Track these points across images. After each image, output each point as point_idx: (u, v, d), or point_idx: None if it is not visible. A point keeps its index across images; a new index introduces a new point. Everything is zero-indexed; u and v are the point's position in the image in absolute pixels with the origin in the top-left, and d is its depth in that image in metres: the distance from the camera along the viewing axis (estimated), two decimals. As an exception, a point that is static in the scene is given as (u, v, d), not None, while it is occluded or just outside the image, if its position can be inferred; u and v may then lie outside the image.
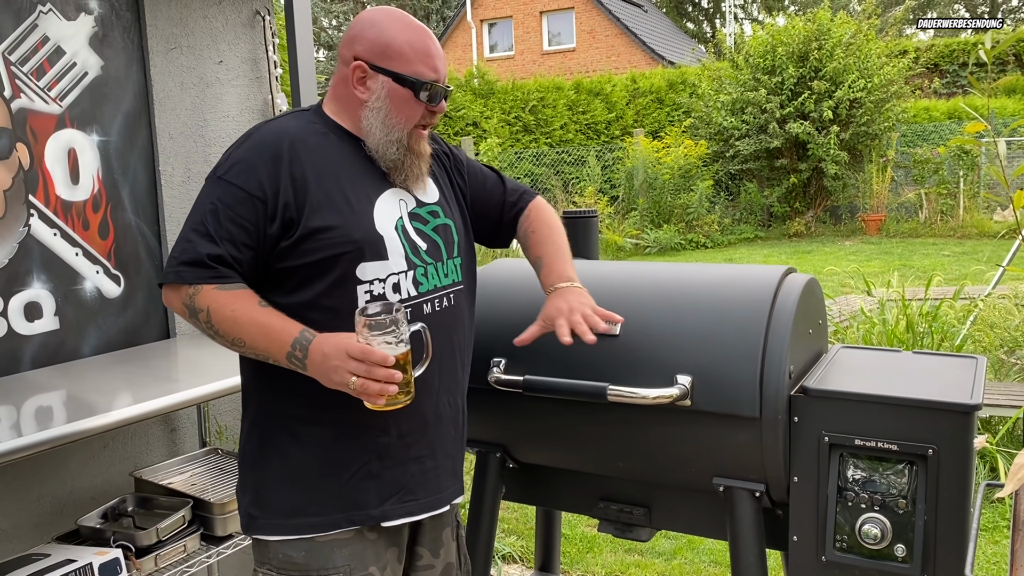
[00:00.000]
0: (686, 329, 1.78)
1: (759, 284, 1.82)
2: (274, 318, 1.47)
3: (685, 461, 1.83)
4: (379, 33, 1.57)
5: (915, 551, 1.62)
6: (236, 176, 1.51)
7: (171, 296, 1.52)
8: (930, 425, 1.60)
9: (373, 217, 1.57)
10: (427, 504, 1.64)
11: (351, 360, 1.40)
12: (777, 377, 1.69)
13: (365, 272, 1.54)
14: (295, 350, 1.45)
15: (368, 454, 1.57)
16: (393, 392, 1.41)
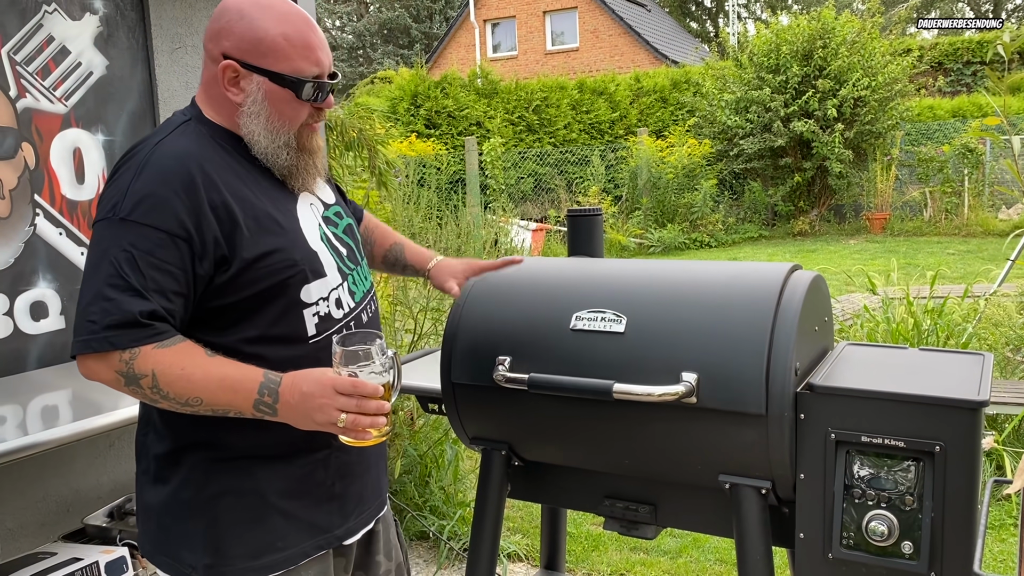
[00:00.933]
0: (691, 326, 1.78)
1: (765, 281, 1.81)
2: (229, 367, 1.32)
3: (691, 458, 1.83)
4: (249, 26, 1.38)
5: (922, 548, 1.62)
6: (146, 215, 1.30)
7: (95, 367, 1.30)
8: (937, 422, 1.60)
9: (303, 232, 1.45)
10: (375, 508, 1.62)
11: (339, 396, 1.29)
12: (783, 374, 1.69)
13: (310, 294, 1.43)
14: (263, 396, 1.31)
15: (331, 476, 1.51)
16: (383, 424, 1.34)
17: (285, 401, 1.31)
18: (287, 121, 1.42)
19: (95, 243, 1.33)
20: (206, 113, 1.45)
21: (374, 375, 1.33)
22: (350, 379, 1.30)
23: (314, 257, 1.44)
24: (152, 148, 1.37)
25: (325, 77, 1.44)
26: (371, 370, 1.33)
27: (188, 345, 1.32)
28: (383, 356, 1.35)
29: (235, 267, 1.35)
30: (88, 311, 1.29)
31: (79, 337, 1.29)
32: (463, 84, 14.34)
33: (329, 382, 1.30)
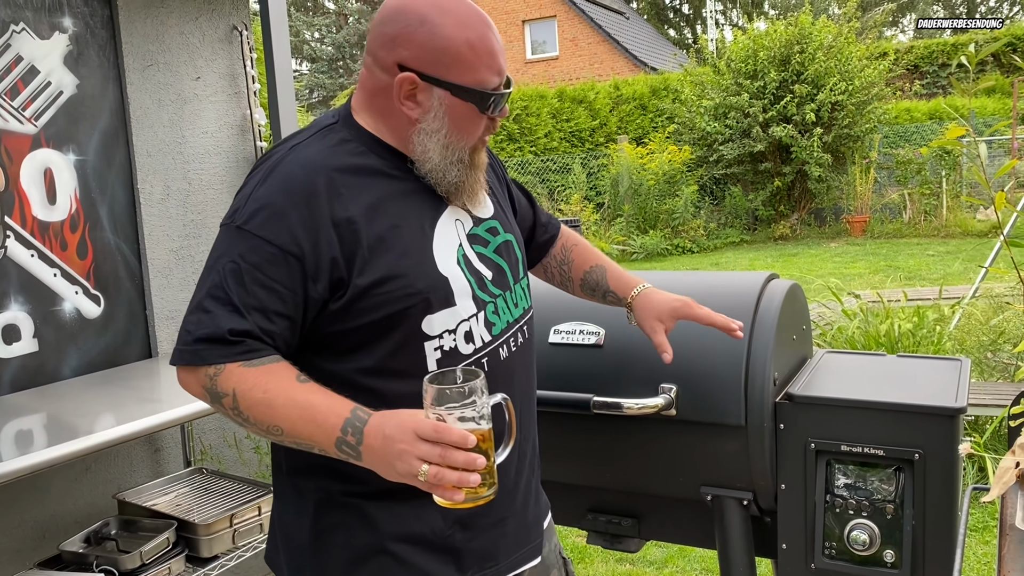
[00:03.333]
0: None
1: (741, 291, 1.81)
2: (317, 396, 1.17)
3: (672, 471, 1.82)
4: (431, 34, 1.23)
5: (904, 556, 1.61)
6: (262, 227, 1.20)
7: (186, 378, 1.22)
8: (915, 429, 1.60)
9: (434, 255, 1.27)
10: (508, 566, 1.40)
11: (421, 443, 1.09)
12: (762, 384, 1.69)
13: (433, 326, 1.26)
14: (346, 435, 1.15)
15: (451, 526, 1.32)
16: (475, 482, 1.09)
17: (368, 444, 1.14)
18: (465, 137, 1.28)
19: (213, 248, 1.25)
20: (359, 118, 1.31)
21: (464, 421, 1.11)
22: (433, 423, 1.10)
23: (442, 284, 1.27)
24: (286, 152, 1.28)
25: (502, 86, 1.29)
26: (462, 414, 1.11)
27: (279, 366, 1.20)
28: (482, 399, 1.13)
29: (351, 292, 1.21)
30: (187, 320, 1.22)
31: (176, 347, 1.22)
32: (443, 94, 14.29)
33: (411, 425, 1.10)
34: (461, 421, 1.11)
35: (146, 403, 2.32)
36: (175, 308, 2.85)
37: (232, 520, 2.36)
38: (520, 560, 1.42)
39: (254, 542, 2.42)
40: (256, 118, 3.11)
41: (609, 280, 1.64)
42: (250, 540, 2.41)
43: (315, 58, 32.12)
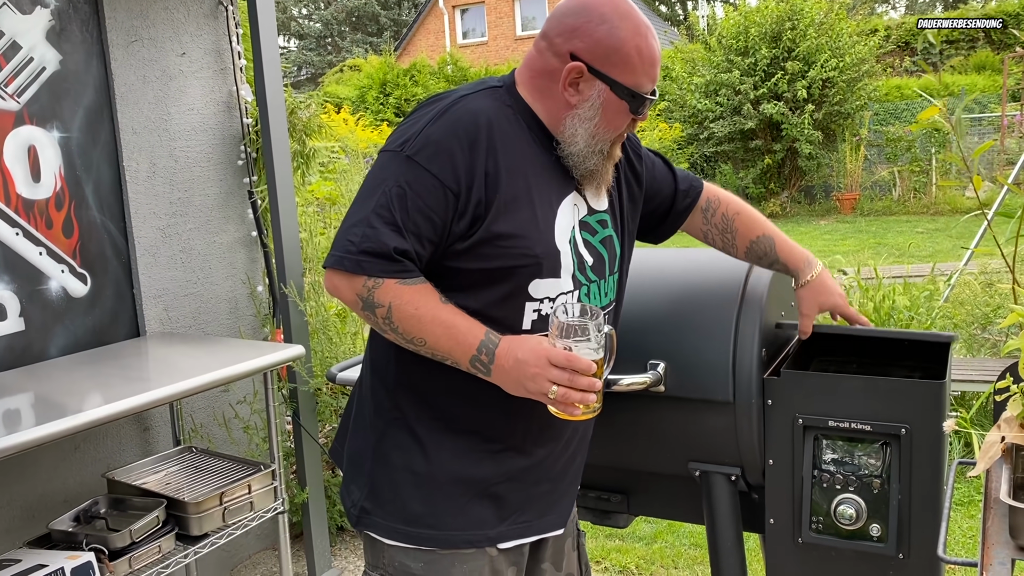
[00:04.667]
0: (659, 315, 1.77)
1: (730, 267, 1.81)
2: (458, 317, 1.33)
3: (660, 446, 1.83)
4: (608, 33, 1.35)
5: (890, 530, 1.63)
6: (429, 160, 1.32)
7: (340, 283, 1.34)
8: (902, 404, 1.60)
9: (554, 228, 1.40)
10: (540, 526, 1.53)
11: (553, 368, 1.28)
12: (749, 361, 1.69)
13: (537, 289, 1.39)
14: (480, 354, 1.32)
15: (501, 476, 1.46)
16: (592, 401, 1.31)
17: (500, 364, 1.32)
18: (611, 130, 1.41)
19: (377, 169, 1.37)
20: (520, 90, 1.43)
21: (589, 351, 1.30)
22: (565, 353, 1.29)
23: (555, 255, 1.40)
24: (456, 99, 1.40)
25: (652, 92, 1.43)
26: (587, 346, 1.30)
27: (427, 288, 1.34)
28: (599, 333, 1.32)
29: (478, 235, 1.34)
30: (351, 231, 1.33)
31: (336, 252, 1.33)
32: (433, 71, 14.25)
33: (544, 353, 1.29)
34: (586, 351, 1.30)
35: (135, 382, 2.31)
36: (163, 287, 2.84)
37: (222, 498, 2.36)
38: (549, 525, 1.55)
39: (244, 520, 2.43)
40: (243, 95, 3.08)
41: (779, 251, 1.73)
42: (240, 518, 2.42)
43: (303, 35, 31.84)
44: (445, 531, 1.44)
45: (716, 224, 1.75)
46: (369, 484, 1.48)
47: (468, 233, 1.34)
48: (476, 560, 1.45)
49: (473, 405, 1.43)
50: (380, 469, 1.47)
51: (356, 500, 1.50)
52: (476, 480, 1.44)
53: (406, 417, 1.45)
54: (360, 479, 1.50)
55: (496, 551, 1.47)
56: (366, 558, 1.52)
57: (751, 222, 1.74)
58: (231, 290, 3.10)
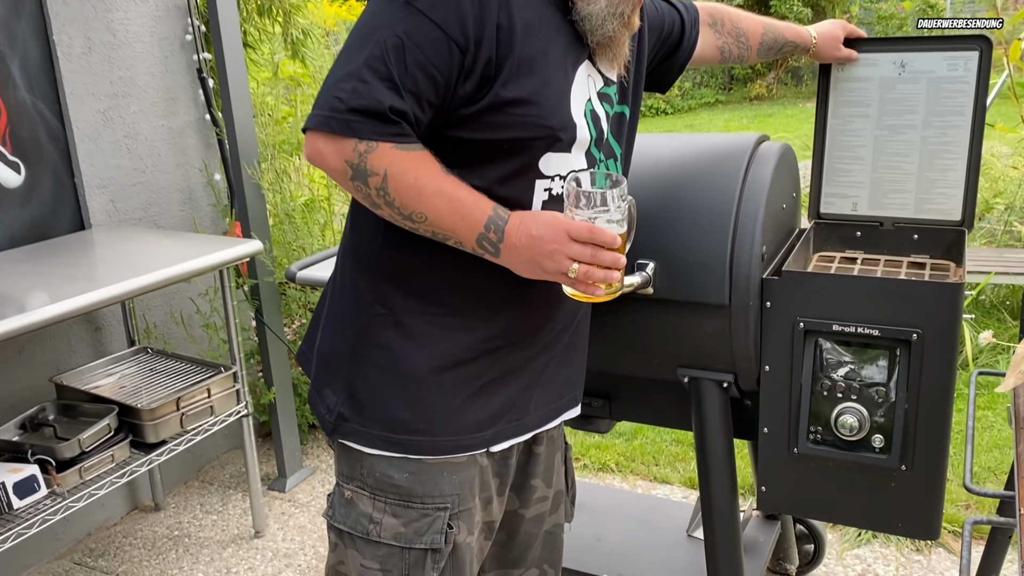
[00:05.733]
0: (648, 208, 1.59)
1: (729, 154, 1.62)
2: (463, 191, 1.15)
3: (648, 352, 1.68)
4: None
5: (894, 441, 1.51)
6: (432, 7, 1.10)
7: (325, 149, 1.12)
8: (915, 308, 1.46)
9: (570, 98, 1.21)
10: (537, 419, 1.37)
11: (573, 243, 1.12)
12: (748, 260, 1.52)
13: (549, 165, 1.21)
14: (489, 231, 1.15)
15: (500, 369, 1.29)
16: (617, 279, 1.17)
17: (511, 243, 1.15)
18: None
19: (368, 16, 1.15)
20: None
21: (612, 224, 1.14)
22: (587, 225, 1.12)
23: (571, 128, 1.21)
24: None
25: None
26: (608, 217, 1.14)
27: (427, 155, 1.15)
28: (623, 203, 1.15)
29: (486, 100, 1.14)
30: (337, 87, 1.11)
31: (319, 111, 1.12)
32: None
33: (563, 226, 1.13)
34: (609, 224, 1.14)
35: (82, 280, 2.12)
36: (107, 176, 2.61)
37: (179, 403, 2.23)
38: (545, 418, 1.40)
39: (204, 425, 2.30)
40: (185, -41, 2.77)
41: (786, 33, 1.73)
42: (200, 423, 2.28)
43: (268, -97, 30.01)
44: (436, 437, 1.27)
45: (729, 33, 1.65)
46: (347, 388, 1.29)
47: (475, 97, 1.14)
48: (467, 470, 1.29)
49: (474, 296, 1.25)
50: (360, 371, 1.28)
51: (332, 406, 1.30)
52: (472, 380, 1.27)
53: (393, 312, 1.26)
54: (336, 383, 1.31)
55: (487, 460, 1.32)
56: (338, 468, 1.35)
57: (749, 19, 1.72)
58: (184, 179, 2.87)
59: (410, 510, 1.27)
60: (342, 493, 1.31)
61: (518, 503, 1.46)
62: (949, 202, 1.76)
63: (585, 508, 2.17)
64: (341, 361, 1.30)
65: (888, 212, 1.79)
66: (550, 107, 1.18)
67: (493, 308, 1.26)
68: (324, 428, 1.32)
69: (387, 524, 1.27)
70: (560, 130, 1.19)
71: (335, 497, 1.33)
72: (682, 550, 2.00)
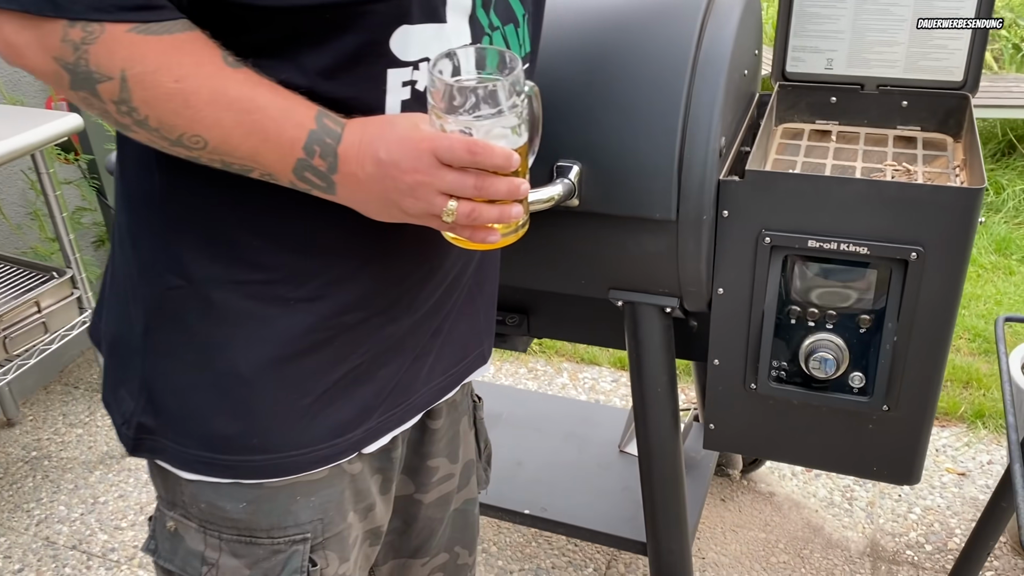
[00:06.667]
0: (571, 89, 1.18)
1: (677, 9, 1.19)
2: (265, 93, 0.72)
3: (571, 272, 1.33)
4: None
5: (878, 380, 1.22)
6: None
7: (19, 37, 0.68)
8: (917, 219, 1.12)
9: None
10: (429, 395, 1.01)
11: (446, 171, 0.72)
12: (703, 158, 1.14)
13: (407, 43, 0.77)
14: (311, 156, 0.73)
15: (367, 350, 0.90)
16: (518, 215, 0.77)
17: (349, 173, 0.74)
18: None
19: None
20: None
21: (505, 132, 0.73)
22: (464, 140, 0.71)
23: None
24: None
25: None
26: (500, 123, 0.73)
27: (195, 38, 0.71)
28: (519, 97, 0.74)
29: None
30: None
31: None
32: None
33: (428, 144, 0.72)
34: (500, 132, 0.73)
35: None
36: None
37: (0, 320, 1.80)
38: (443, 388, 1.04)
39: (37, 346, 1.89)
40: None
41: None
42: (30, 344, 1.87)
43: None
44: (277, 454, 0.88)
45: None
46: (145, 390, 0.89)
47: None
48: (329, 486, 0.93)
49: (313, 251, 0.84)
50: (159, 368, 0.88)
51: (128, 413, 0.90)
52: (325, 371, 0.88)
53: (193, 282, 0.84)
54: (130, 382, 0.90)
55: (359, 464, 0.95)
56: (156, 486, 0.97)
57: None
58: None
59: (255, 547, 0.92)
60: (164, 522, 0.95)
61: (414, 487, 1.13)
62: (950, 58, 1.38)
63: (503, 423, 1.88)
64: (131, 352, 0.89)
65: (872, 71, 1.40)
66: None
67: (344, 267, 0.85)
68: (123, 442, 0.94)
69: (226, 566, 0.93)
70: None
71: (156, 526, 0.97)
72: (614, 471, 1.74)
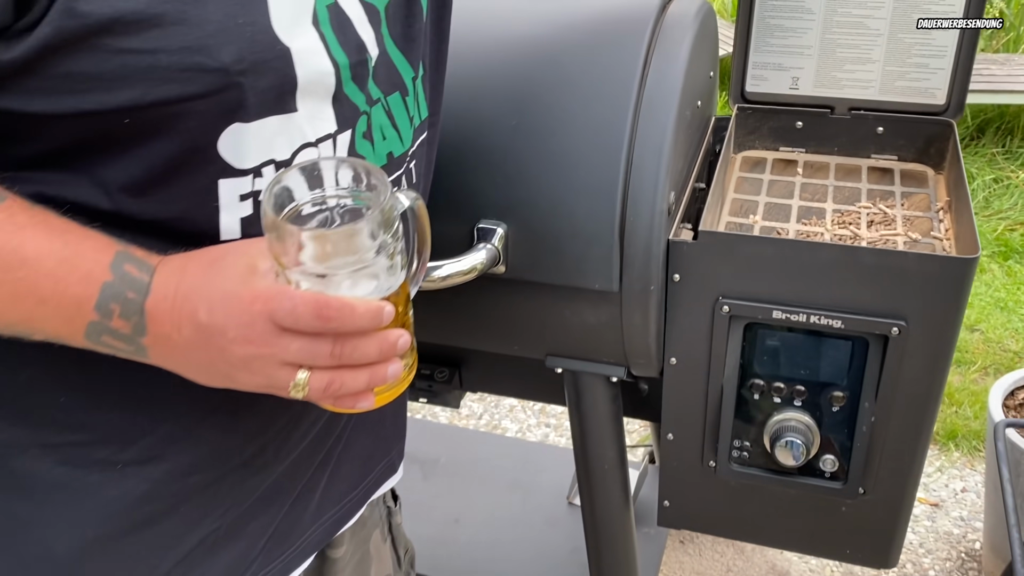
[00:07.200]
0: (492, 137, 0.99)
1: (618, 36, 1.00)
2: (29, 234, 0.54)
3: (504, 336, 1.15)
4: None
5: (852, 464, 1.06)
6: None
7: None
8: (902, 289, 0.95)
9: (268, 7, 0.57)
10: (321, 533, 0.84)
11: (290, 338, 0.54)
12: (649, 217, 0.96)
13: (243, 148, 0.58)
14: (108, 317, 0.55)
15: (226, 510, 0.72)
16: (398, 374, 0.59)
17: (160, 334, 0.56)
18: None
19: None
20: None
21: (371, 277, 0.56)
22: (313, 300, 0.53)
23: (278, 62, 0.57)
24: None
25: None
26: (368, 268, 0.55)
27: None
28: (388, 234, 0.56)
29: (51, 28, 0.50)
30: None
31: None
32: None
33: (262, 308, 0.54)
34: (365, 279, 0.55)
35: None
36: None
37: None
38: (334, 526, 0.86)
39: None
40: None
41: None
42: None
43: None
44: None
45: None
46: None
47: (20, 31, 0.50)
48: None
49: (143, 404, 0.65)
50: None
51: None
52: (171, 543, 0.70)
53: None
54: None
55: None
56: None
57: None
58: None
59: None
60: None
61: None
62: (931, 78, 1.21)
63: (441, 470, 1.71)
64: None
65: (843, 92, 1.23)
66: (212, 26, 0.53)
67: (181, 422, 0.67)
68: None
69: None
70: (246, 74, 0.55)
71: None
72: (562, 528, 1.58)
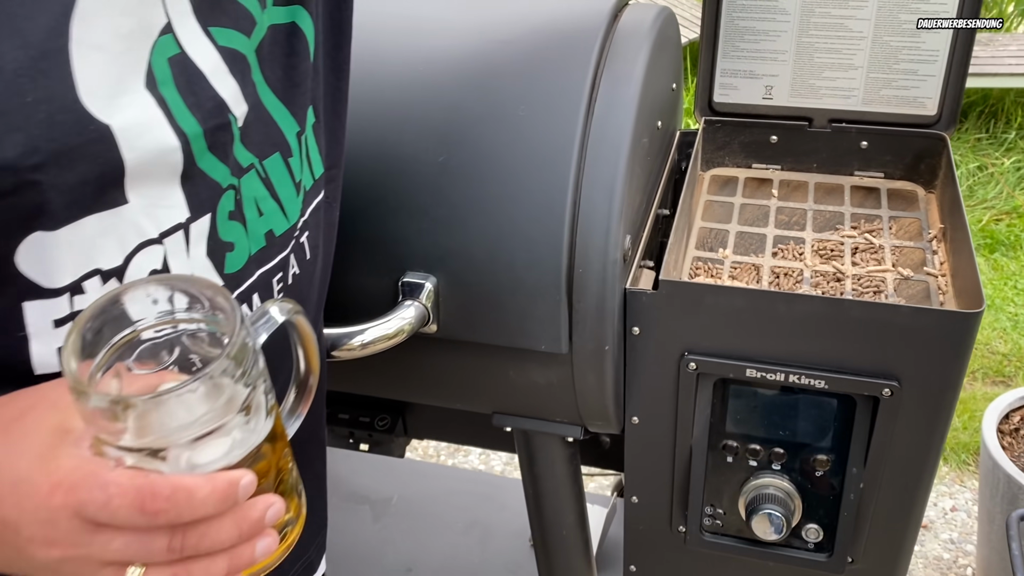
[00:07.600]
0: (419, 175, 0.85)
1: (563, 51, 0.86)
2: None
3: (448, 393, 1.01)
4: None
5: (839, 535, 0.93)
6: None
7: None
8: (893, 346, 0.82)
9: (70, 56, 0.41)
10: None
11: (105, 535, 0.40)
12: (600, 269, 0.83)
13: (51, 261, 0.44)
14: None
15: None
16: (271, 550, 0.46)
17: None
18: None
19: None
20: None
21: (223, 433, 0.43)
22: (134, 488, 0.40)
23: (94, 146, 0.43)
24: None
25: None
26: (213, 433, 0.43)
27: None
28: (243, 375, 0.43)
29: None
30: None
31: None
32: None
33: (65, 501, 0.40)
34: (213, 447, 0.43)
35: None
36: None
37: None
38: None
39: None
40: None
41: None
42: None
43: None
44: None
45: None
46: None
47: None
48: None
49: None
50: None
51: None
52: None
53: None
54: None
55: None
56: None
57: None
58: None
59: None
60: None
61: None
62: (920, 86, 1.09)
63: (394, 510, 1.58)
64: None
65: (822, 102, 1.10)
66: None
67: None
68: None
69: None
70: (43, 166, 0.41)
71: None
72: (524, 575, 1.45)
